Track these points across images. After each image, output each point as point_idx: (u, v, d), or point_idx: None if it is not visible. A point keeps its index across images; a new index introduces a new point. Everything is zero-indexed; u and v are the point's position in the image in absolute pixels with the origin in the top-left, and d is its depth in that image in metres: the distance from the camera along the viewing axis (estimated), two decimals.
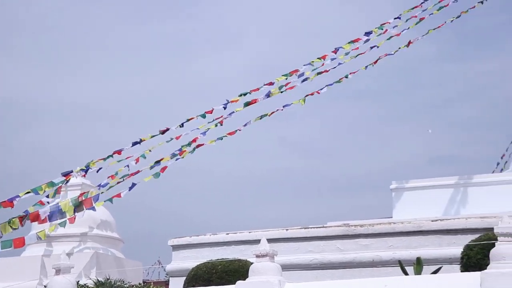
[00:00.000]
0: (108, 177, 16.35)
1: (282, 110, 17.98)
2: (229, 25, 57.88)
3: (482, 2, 19.79)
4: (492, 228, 10.06)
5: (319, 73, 18.40)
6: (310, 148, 55.92)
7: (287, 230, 15.07)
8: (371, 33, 18.52)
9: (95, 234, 18.36)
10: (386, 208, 20.56)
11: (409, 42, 18.94)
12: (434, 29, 19.30)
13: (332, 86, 18.53)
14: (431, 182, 19.77)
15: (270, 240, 11.57)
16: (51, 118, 52.37)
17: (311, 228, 15.15)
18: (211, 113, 17.60)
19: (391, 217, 19.76)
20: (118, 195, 16.22)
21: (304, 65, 18.27)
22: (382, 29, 18.59)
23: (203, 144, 17.27)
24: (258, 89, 18.12)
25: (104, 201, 16.28)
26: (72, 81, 51.84)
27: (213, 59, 55.39)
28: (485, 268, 9.69)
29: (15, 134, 51.54)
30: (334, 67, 18.57)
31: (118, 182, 16.21)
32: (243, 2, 58.30)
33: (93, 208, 15.98)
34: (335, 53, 18.35)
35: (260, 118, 17.71)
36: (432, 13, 18.99)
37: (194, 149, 17.16)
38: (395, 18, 18.92)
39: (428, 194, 19.58)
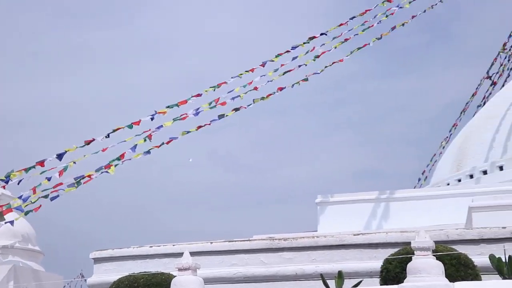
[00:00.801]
0: (30, 189, 15.91)
1: (209, 125, 17.99)
2: (159, 35, 57.61)
3: (403, 25, 20.51)
4: (410, 242, 10.35)
5: (248, 92, 18.54)
6: (239, 161, 56.19)
7: (211, 243, 15.05)
8: (298, 47, 18.84)
9: (16, 247, 17.93)
10: (312, 222, 20.87)
11: (333, 62, 19.39)
12: (358, 48, 19.82)
13: (259, 102, 18.69)
14: (354, 196, 20.16)
15: (194, 253, 11.54)
16: None
17: (235, 241, 15.18)
18: (138, 124, 17.39)
19: (316, 231, 20.03)
20: (38, 208, 15.79)
21: (232, 77, 18.36)
22: (308, 42, 18.92)
23: (130, 159, 17.02)
24: (186, 101, 18.07)
25: (24, 214, 15.83)
26: None
27: (142, 69, 54.99)
28: (403, 282, 9.95)
29: None
30: (263, 85, 18.76)
31: (40, 197, 15.76)
32: (173, 12, 58.21)
33: (12, 222, 15.51)
34: (263, 66, 18.53)
35: (187, 133, 17.64)
36: (357, 34, 19.48)
37: (118, 158, 16.86)
38: (321, 34, 19.29)
39: (351, 208, 19.94)
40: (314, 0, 62.31)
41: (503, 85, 27.79)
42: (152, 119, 17.47)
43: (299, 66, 19.12)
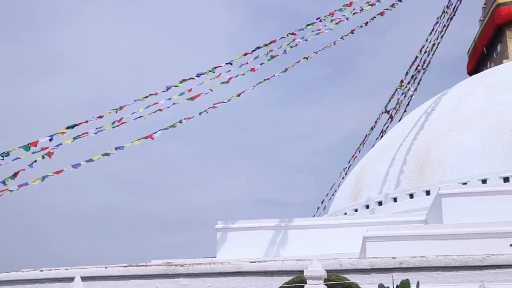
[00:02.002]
0: None
1: (114, 153, 17.76)
2: (60, 52, 56.36)
3: (306, 59, 21.11)
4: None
5: (153, 112, 18.47)
6: (139, 185, 55.44)
7: (105, 268, 14.73)
8: (203, 74, 18.99)
9: None
10: (214, 248, 20.86)
11: (242, 92, 19.69)
12: (264, 80, 20.22)
13: (166, 130, 18.69)
14: (254, 223, 20.35)
15: (87, 278, 11.30)
16: None
17: (131, 266, 14.95)
18: (35, 145, 16.93)
19: (216, 257, 20.04)
20: None
21: (134, 100, 18.25)
22: (214, 72, 19.12)
23: (27, 184, 16.51)
24: (87, 121, 17.80)
25: None
26: None
27: (46, 87, 53.59)
28: None
29: None
30: (168, 107, 18.74)
31: None
32: (76, 31, 57.17)
33: None
34: (167, 90, 18.55)
35: (91, 161, 17.37)
36: (263, 63, 19.87)
37: (13, 177, 16.32)
38: (226, 63, 19.55)
39: (251, 235, 20.11)
40: (221, 27, 62.97)
41: (399, 120, 28.88)
42: (50, 139, 17.08)
43: (206, 93, 19.26)
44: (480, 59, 30.02)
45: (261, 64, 19.97)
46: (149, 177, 55.85)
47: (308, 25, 20.92)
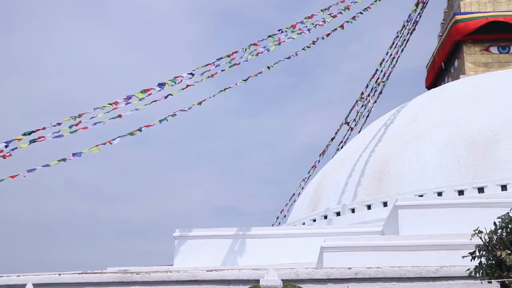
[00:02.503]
0: None
1: (72, 159, 17.57)
2: (17, 57, 55.58)
3: (268, 68, 21.21)
4: None
5: (112, 118, 18.32)
6: (98, 192, 54.88)
7: (59, 275, 14.51)
8: (164, 84, 18.95)
9: None
10: (171, 256, 20.71)
11: (203, 100, 19.68)
12: (225, 89, 20.23)
13: (125, 137, 18.55)
14: (212, 232, 20.28)
15: (40, 285, 11.10)
16: None
17: (86, 273, 14.76)
18: None
19: (173, 265, 19.90)
20: None
21: (94, 108, 18.09)
22: (175, 82, 19.07)
23: None
24: (44, 128, 17.58)
25: None
26: None
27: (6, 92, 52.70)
28: None
29: None
30: (129, 112, 18.62)
31: None
32: (42, 36, 56.44)
33: None
34: (128, 100, 18.41)
35: (47, 166, 17.13)
36: (224, 70, 19.88)
37: None
38: (188, 73, 19.52)
39: (209, 243, 20.04)
40: (184, 35, 62.82)
41: (359, 131, 29.16)
42: (6, 146, 16.83)
43: (166, 96, 19.20)
44: (438, 73, 30.53)
45: (222, 70, 19.99)
46: (109, 183, 55.34)
47: (269, 36, 21.04)
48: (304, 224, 23.76)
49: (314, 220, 23.48)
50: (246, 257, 19.73)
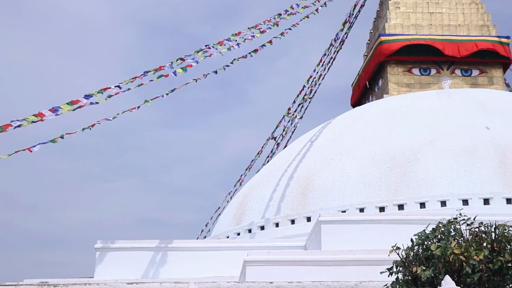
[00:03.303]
0: None
1: None
2: None
3: (196, 81, 21.27)
4: None
5: (33, 122, 17.91)
6: (15, 199, 53.32)
7: None
8: (91, 96, 18.71)
9: None
10: (93, 267, 20.31)
11: (127, 110, 19.53)
12: (151, 99, 20.14)
13: (46, 144, 18.16)
14: (134, 243, 20.02)
15: None
16: None
17: (3, 285, 14.32)
18: None
19: (93, 277, 19.53)
20: None
21: (17, 120, 17.64)
22: (102, 93, 18.87)
23: None
24: None
25: None
26: None
27: None
28: None
29: None
30: (51, 117, 18.26)
31: None
32: None
33: None
34: (53, 112, 18.06)
35: None
36: (152, 80, 19.78)
37: None
38: (115, 86, 19.34)
39: (131, 255, 19.76)
40: (113, 45, 62.06)
41: (285, 147, 29.50)
42: None
43: (91, 103, 18.95)
44: (363, 92, 31.26)
45: (150, 80, 19.89)
46: (28, 192, 53.84)
47: (197, 51, 21.08)
48: (228, 237, 23.78)
49: (238, 234, 23.54)
50: (169, 270, 19.56)
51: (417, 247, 10.07)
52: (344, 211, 20.87)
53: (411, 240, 10.24)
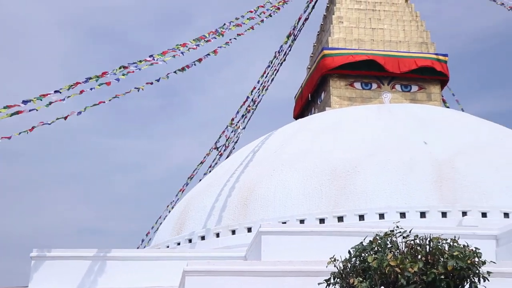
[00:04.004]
0: None
1: None
2: None
3: (138, 89, 21.13)
4: None
5: None
6: None
7: None
8: (30, 101, 18.40)
9: None
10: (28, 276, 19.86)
11: (68, 116, 19.25)
12: (93, 105, 19.90)
13: None
14: (71, 252, 19.68)
15: None
16: None
17: None
18: None
19: (27, 287, 19.11)
20: None
21: None
22: (41, 99, 18.58)
23: None
24: None
25: None
26: None
27: None
28: None
29: None
30: None
31: None
32: None
33: None
34: None
35: None
36: (94, 88, 19.57)
37: None
38: (55, 91, 19.06)
39: (68, 264, 19.42)
40: (54, 50, 61.04)
41: (227, 157, 29.55)
42: None
43: (30, 110, 18.63)
44: (306, 104, 31.61)
45: (91, 89, 19.67)
46: None
47: (140, 61, 20.94)
48: (168, 247, 23.62)
49: (179, 244, 23.42)
50: (107, 280, 19.30)
51: (354, 258, 10.23)
52: (285, 222, 21.00)
53: (349, 252, 10.40)
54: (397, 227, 10.44)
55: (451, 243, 10.04)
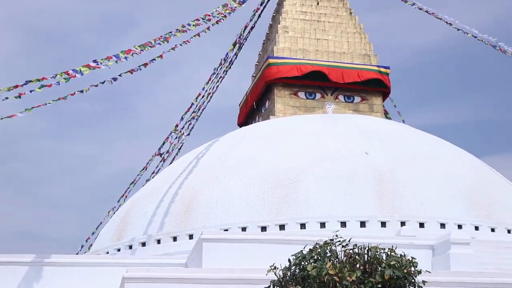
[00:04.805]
0: None
1: None
2: None
3: (82, 91, 20.88)
4: None
5: None
6: None
7: None
8: None
9: None
10: None
11: (6, 117, 18.88)
12: (33, 107, 19.56)
13: None
14: (7, 258, 19.26)
15: None
16: None
17: None
18: None
19: None
20: None
21: None
22: None
23: None
24: None
25: None
26: None
27: None
28: None
29: None
30: None
31: None
32: None
33: None
34: None
35: None
36: (33, 90, 19.25)
37: None
38: None
39: (3, 270, 19.01)
40: None
41: (171, 163, 29.38)
42: None
43: None
44: (250, 112, 31.73)
45: (30, 91, 19.33)
46: None
47: (83, 66, 20.68)
48: (108, 253, 23.32)
49: (119, 250, 23.15)
50: (44, 286, 18.95)
51: (294, 267, 10.33)
52: (227, 230, 21.02)
53: (289, 260, 10.49)
54: (337, 236, 10.59)
55: (389, 253, 10.24)
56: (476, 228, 21.61)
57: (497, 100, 66.81)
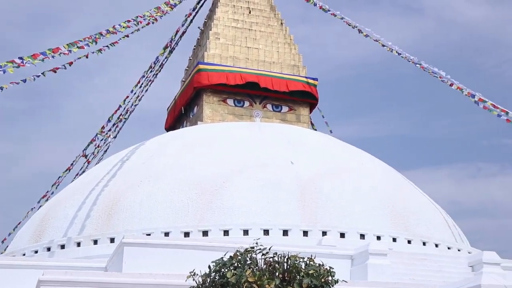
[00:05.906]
0: None
1: None
2: None
3: (2, 88, 20.35)
4: None
5: None
6: None
7: None
8: None
9: None
10: None
11: None
12: None
13: None
14: None
15: None
16: None
17: None
18: None
19: None
20: None
21: None
22: None
23: None
24: None
25: None
26: None
27: None
28: None
29: None
30: None
31: None
32: None
33: None
34: None
35: None
36: None
37: None
38: None
39: None
40: None
41: (95, 165, 28.92)
42: None
43: None
44: (178, 117, 31.61)
45: None
46: None
47: (8, 61, 20.16)
48: (24, 255, 22.70)
49: (36, 252, 22.58)
50: None
51: (214, 273, 10.34)
52: (149, 234, 20.83)
53: (209, 266, 10.49)
54: (257, 243, 10.67)
55: (308, 262, 10.38)
56: (394, 239, 22.16)
57: (417, 116, 68.94)
